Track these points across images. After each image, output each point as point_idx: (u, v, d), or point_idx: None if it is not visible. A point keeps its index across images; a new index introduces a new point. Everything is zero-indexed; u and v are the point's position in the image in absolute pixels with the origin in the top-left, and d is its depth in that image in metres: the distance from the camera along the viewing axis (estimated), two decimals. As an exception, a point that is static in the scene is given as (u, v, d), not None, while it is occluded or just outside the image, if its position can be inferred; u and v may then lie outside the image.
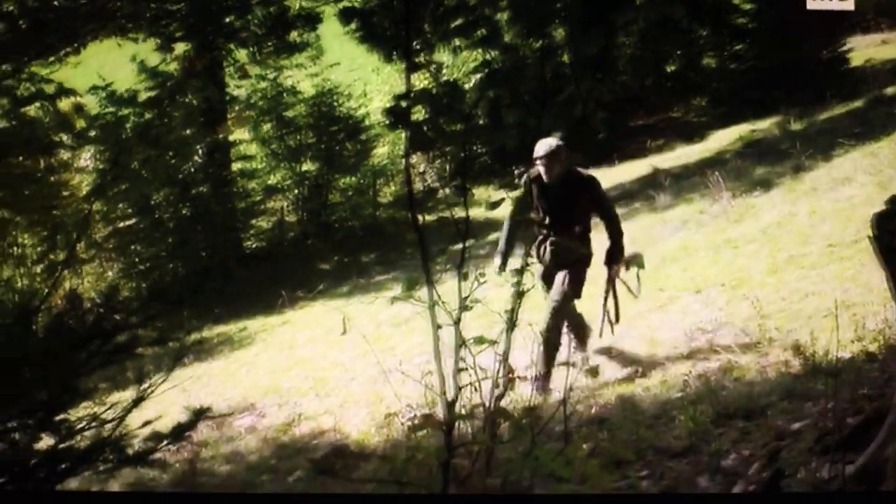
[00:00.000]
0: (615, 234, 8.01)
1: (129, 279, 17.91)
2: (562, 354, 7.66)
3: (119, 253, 18.14)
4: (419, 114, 18.23)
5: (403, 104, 16.88)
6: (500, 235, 8.28)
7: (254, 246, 19.48)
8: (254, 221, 19.78)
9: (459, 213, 18.87)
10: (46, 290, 10.77)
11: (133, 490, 4.54)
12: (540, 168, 7.93)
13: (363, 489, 5.76)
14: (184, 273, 17.95)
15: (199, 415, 4.59)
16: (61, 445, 4.21)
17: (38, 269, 14.58)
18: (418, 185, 20.87)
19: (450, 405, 3.17)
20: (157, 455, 4.65)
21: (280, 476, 7.75)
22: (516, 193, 8.25)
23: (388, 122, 19.40)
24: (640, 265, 8.15)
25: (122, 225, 17.92)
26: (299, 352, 11.83)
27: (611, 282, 8.12)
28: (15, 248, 15.29)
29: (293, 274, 17.19)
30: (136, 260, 18.05)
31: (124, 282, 17.70)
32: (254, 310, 15.22)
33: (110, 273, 18.21)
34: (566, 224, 7.99)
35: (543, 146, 7.97)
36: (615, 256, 8.03)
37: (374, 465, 7.05)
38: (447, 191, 20.51)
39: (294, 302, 15.06)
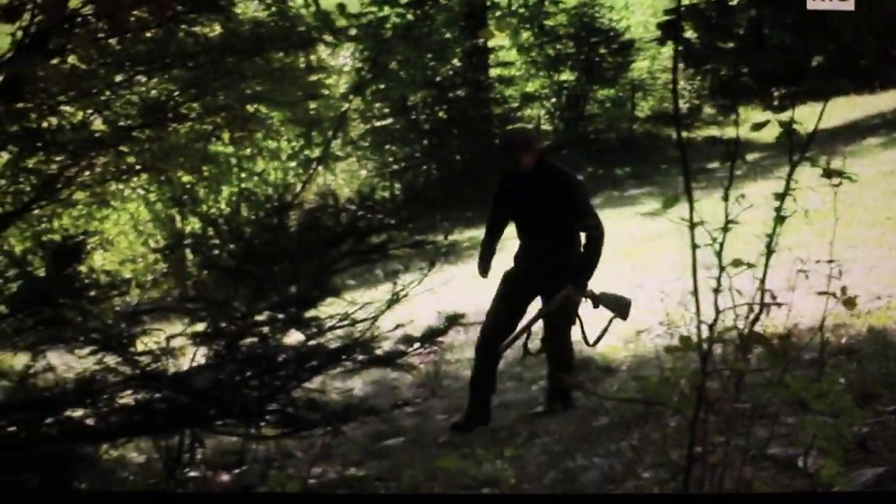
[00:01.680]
0: (588, 251, 6.34)
1: (382, 179, 18.18)
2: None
3: (374, 152, 18.44)
4: (686, 31, 17.65)
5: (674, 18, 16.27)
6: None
7: (509, 152, 19.38)
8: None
9: (713, 132, 18.50)
10: (300, 186, 10.90)
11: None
12: (505, 160, 6.54)
13: (607, 405, 5.63)
14: (437, 176, 18.09)
15: (453, 321, 4.47)
16: (310, 343, 4.16)
17: (293, 164, 14.88)
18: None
19: (710, 327, 2.96)
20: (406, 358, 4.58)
21: (524, 385, 7.68)
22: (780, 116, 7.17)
23: (657, 35, 18.85)
24: (620, 312, 6.63)
25: (378, 124, 18.18)
26: (548, 259, 11.69)
27: (556, 304, 6.40)
28: (269, 142, 15.64)
29: (547, 182, 17.03)
30: (391, 160, 18.32)
31: (377, 181, 17.98)
32: (506, 215, 15.16)
33: (364, 172, 18.53)
34: (538, 232, 6.47)
35: (508, 134, 7.01)
36: (576, 277, 6.33)
37: (620, 380, 6.93)
38: (709, 109, 19.90)
39: (547, 210, 14.95)
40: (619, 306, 6.61)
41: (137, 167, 8.83)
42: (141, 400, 4.04)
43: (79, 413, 3.97)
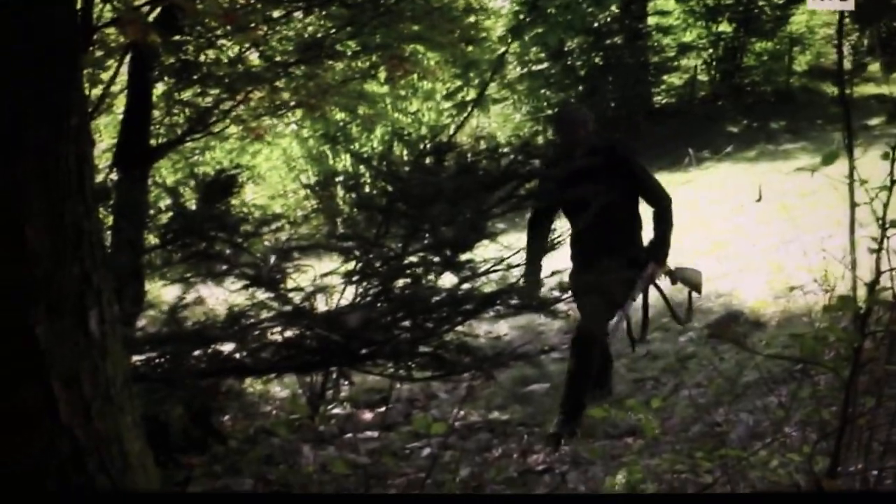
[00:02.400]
0: (662, 223, 5.93)
1: (536, 123, 18.06)
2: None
3: (529, 96, 18.31)
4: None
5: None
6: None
7: (663, 101, 19.16)
8: (665, 77, 19.31)
9: (872, 90, 17.83)
10: (454, 127, 10.82)
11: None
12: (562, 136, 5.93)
13: (757, 360, 5.47)
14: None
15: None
16: (464, 286, 4.05)
17: (447, 105, 14.80)
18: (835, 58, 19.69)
19: (870, 287, 2.76)
20: (560, 305, 4.43)
21: (671, 336, 7.58)
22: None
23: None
24: (694, 287, 6.32)
25: (534, 69, 18.02)
26: (701, 212, 11.52)
27: (645, 283, 5.97)
28: (424, 83, 15.57)
29: (700, 133, 16.81)
30: (545, 104, 18.16)
31: (531, 125, 17.87)
32: (658, 165, 15.02)
33: (518, 116, 18.40)
34: (598, 217, 5.14)
35: (565, 109, 6.39)
36: (656, 253, 5.92)
37: (769, 335, 6.74)
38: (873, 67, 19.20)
39: (699, 161, 14.74)
40: (695, 281, 6.29)
41: (292, 103, 8.84)
42: (290, 336, 3.99)
43: (227, 347, 3.93)
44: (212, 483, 5.85)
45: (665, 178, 13.97)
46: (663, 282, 6.15)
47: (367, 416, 7.41)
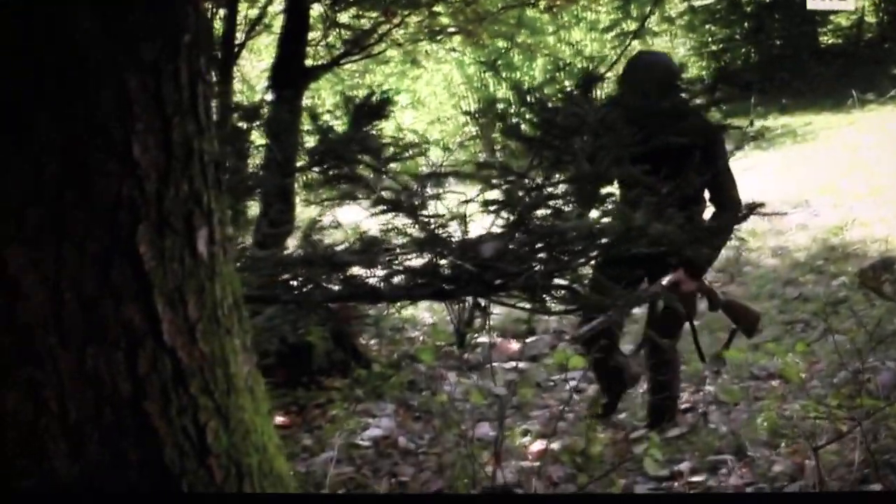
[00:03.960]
0: (717, 232, 4.61)
1: (699, 59, 17.64)
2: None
3: (691, 30, 17.88)
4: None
5: None
6: None
7: (829, 42, 18.46)
8: (832, 17, 18.49)
9: None
10: (614, 58, 10.62)
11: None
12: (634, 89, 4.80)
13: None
14: (755, 59, 17.43)
15: (753, 209, 4.09)
16: (603, 220, 3.93)
17: (610, 35, 14.59)
18: None
19: None
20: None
21: (824, 279, 7.39)
22: None
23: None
24: (745, 327, 5.21)
25: (698, 3, 17.58)
26: (862, 154, 11.14)
27: (662, 292, 4.66)
28: (588, 14, 15.32)
29: (866, 75, 16.13)
30: (709, 40, 17.72)
31: (693, 60, 17.47)
32: (821, 106, 14.56)
33: (681, 50, 18.00)
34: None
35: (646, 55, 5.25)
36: (691, 262, 4.73)
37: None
38: None
39: (863, 104, 14.21)
40: (747, 319, 5.22)
41: (450, 29, 8.76)
42: (424, 264, 3.94)
43: (362, 272, 3.91)
44: (353, 406, 5.91)
45: (826, 119, 13.63)
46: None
47: (513, 346, 7.39)
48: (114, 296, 1.82)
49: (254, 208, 5.35)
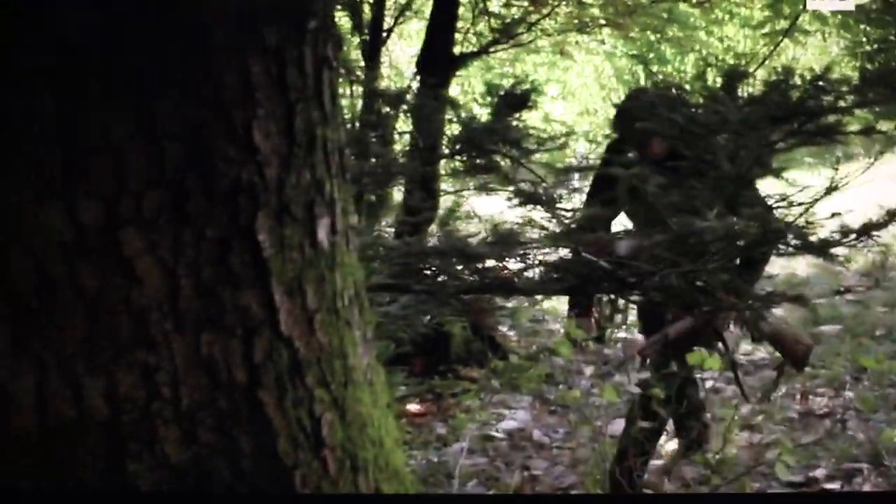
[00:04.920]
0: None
1: (852, 58, 17.06)
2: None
3: (845, 29, 17.31)
4: None
5: None
6: None
7: None
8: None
9: None
10: (764, 57, 10.34)
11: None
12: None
13: None
14: (911, 62, 16.80)
15: (893, 216, 3.87)
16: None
17: (762, 32, 14.19)
18: None
19: None
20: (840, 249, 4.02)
21: None
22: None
23: None
24: (795, 358, 4.54)
25: (857, 3, 17.00)
26: None
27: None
28: (742, 10, 14.94)
29: None
30: (864, 40, 17.11)
31: (847, 60, 16.91)
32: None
33: (834, 49, 17.45)
34: None
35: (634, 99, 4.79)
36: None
37: None
38: None
39: None
40: (794, 352, 4.57)
41: (600, 21, 8.64)
42: (559, 259, 3.85)
43: (497, 264, 3.84)
44: (489, 397, 5.87)
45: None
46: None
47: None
48: (231, 282, 1.77)
49: (397, 195, 5.35)
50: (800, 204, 3.86)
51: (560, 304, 8.06)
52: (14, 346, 1.71)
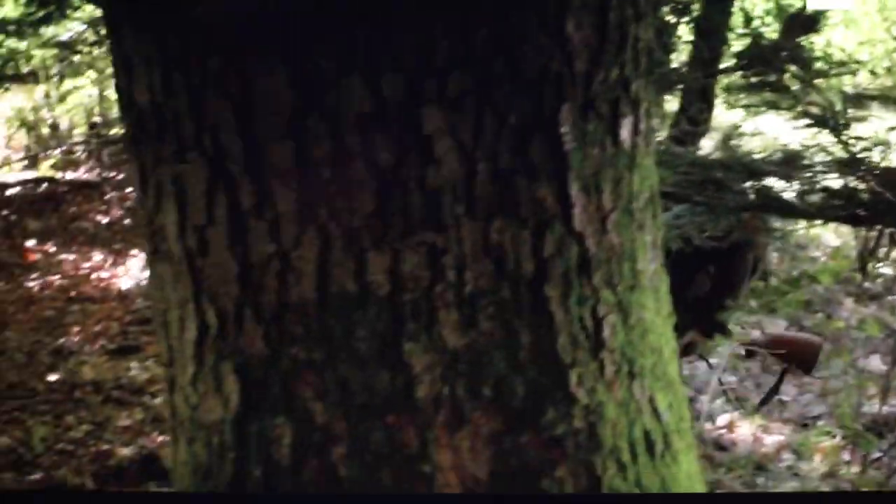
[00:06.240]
0: None
1: None
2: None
3: None
4: None
5: None
6: None
7: None
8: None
9: None
10: None
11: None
12: None
13: None
14: None
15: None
16: None
17: None
18: None
19: None
20: None
21: None
22: None
23: None
24: (802, 362, 4.21)
25: None
26: None
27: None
28: None
29: None
30: None
31: None
32: None
33: None
34: None
35: None
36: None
37: None
38: None
39: None
40: (803, 353, 4.41)
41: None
42: (842, 186, 3.61)
43: (775, 183, 3.63)
44: (745, 317, 5.66)
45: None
46: None
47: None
48: (528, 173, 1.67)
49: (672, 104, 5.17)
50: None
51: (825, 231, 7.70)
52: (299, 214, 1.68)
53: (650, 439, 1.86)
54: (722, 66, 4.55)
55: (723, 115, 5.27)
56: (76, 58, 9.41)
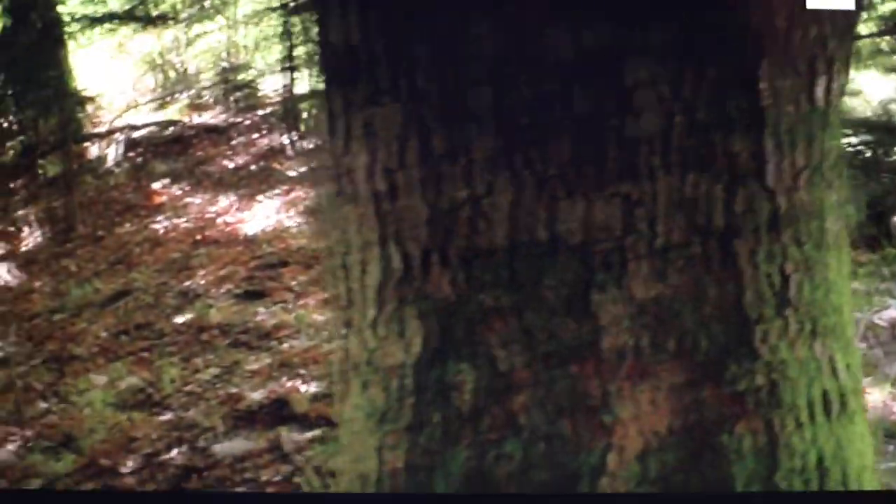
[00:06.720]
0: None
1: None
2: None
3: None
4: None
5: None
6: None
7: None
8: None
9: None
10: None
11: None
12: None
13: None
14: None
15: None
16: None
17: None
18: None
19: None
20: None
21: None
22: None
23: None
24: None
25: None
26: None
27: None
28: None
29: None
30: None
31: None
32: None
33: None
34: None
35: None
36: None
37: None
38: None
39: None
40: None
41: None
42: None
43: None
44: (876, 284, 5.51)
45: None
46: None
47: None
48: (725, 127, 1.65)
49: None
50: None
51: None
52: (493, 160, 1.67)
53: (828, 399, 1.83)
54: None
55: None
56: (206, 2, 9.49)
